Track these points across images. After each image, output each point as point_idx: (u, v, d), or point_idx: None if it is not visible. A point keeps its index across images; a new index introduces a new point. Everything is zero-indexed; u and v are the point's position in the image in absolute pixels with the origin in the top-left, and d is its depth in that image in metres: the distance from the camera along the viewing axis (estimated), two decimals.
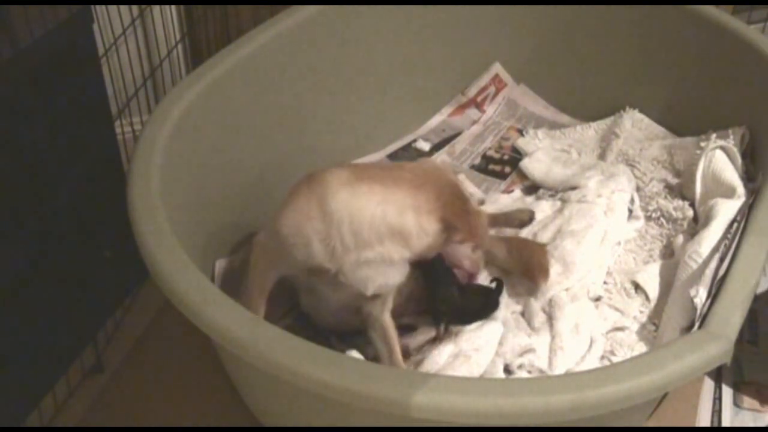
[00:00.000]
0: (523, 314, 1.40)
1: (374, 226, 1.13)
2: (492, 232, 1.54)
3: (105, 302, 1.46)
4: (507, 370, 1.28)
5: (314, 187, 1.17)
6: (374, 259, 1.15)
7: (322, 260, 1.16)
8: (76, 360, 1.38)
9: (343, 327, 1.33)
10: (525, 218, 1.40)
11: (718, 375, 1.37)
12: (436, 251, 1.20)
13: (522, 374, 1.27)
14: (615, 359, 1.30)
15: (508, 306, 1.40)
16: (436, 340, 1.33)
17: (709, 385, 1.36)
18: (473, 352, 1.27)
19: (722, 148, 1.54)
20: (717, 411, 1.31)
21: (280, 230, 1.18)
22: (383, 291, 1.22)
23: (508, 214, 1.49)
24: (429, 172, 1.20)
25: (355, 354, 1.23)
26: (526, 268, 1.42)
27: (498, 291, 1.39)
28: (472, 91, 1.94)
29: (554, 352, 1.30)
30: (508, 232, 1.54)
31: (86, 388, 1.39)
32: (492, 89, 1.94)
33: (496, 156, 1.81)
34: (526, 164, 1.72)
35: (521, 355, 1.29)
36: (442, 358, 1.27)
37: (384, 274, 1.18)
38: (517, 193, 1.68)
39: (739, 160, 1.53)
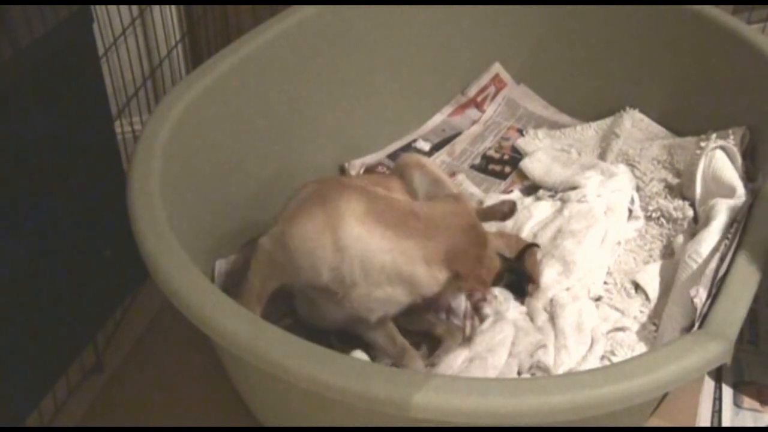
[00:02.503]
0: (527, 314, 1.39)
1: (385, 271, 1.16)
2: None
3: (105, 302, 1.46)
4: (518, 374, 1.28)
5: (329, 212, 1.17)
6: (381, 297, 1.18)
7: (330, 284, 1.18)
8: (76, 360, 1.38)
9: (341, 332, 1.33)
10: (506, 210, 1.42)
11: (718, 375, 1.37)
12: (444, 295, 1.24)
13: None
14: (615, 359, 1.30)
15: (515, 306, 1.39)
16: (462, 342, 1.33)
17: (709, 385, 1.36)
18: (488, 354, 1.27)
19: (722, 148, 1.54)
20: (717, 411, 1.31)
21: (290, 246, 1.19)
22: (386, 318, 1.26)
23: (491, 208, 1.50)
24: (445, 217, 1.22)
25: (359, 354, 1.23)
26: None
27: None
28: (472, 91, 1.94)
29: (558, 351, 1.30)
30: (492, 227, 1.54)
31: (86, 388, 1.39)
32: (492, 89, 1.94)
33: (496, 156, 1.81)
34: (526, 164, 1.72)
35: (533, 354, 1.28)
36: (456, 363, 1.27)
37: (388, 307, 1.22)
38: (517, 193, 1.68)
39: (739, 160, 1.53)
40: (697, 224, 1.50)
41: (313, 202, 1.21)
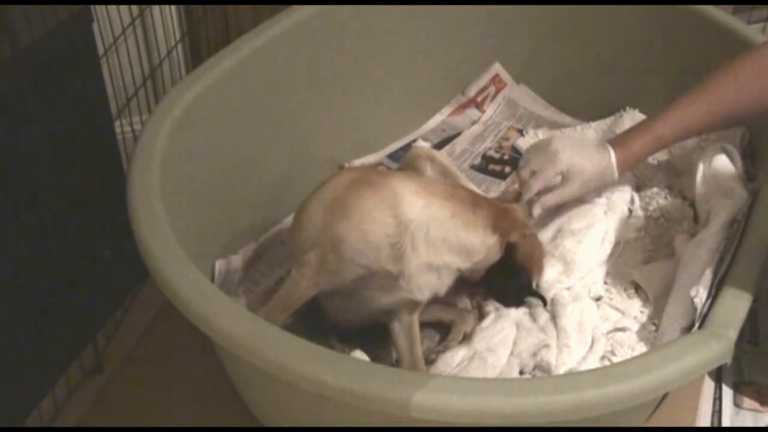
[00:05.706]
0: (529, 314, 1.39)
1: (447, 237, 1.22)
2: None
3: (105, 302, 1.46)
4: (521, 373, 1.28)
5: (382, 193, 1.22)
6: (439, 266, 1.23)
7: (386, 264, 1.21)
8: (76, 360, 1.38)
9: (367, 325, 1.33)
10: (510, 201, 1.44)
11: (718, 375, 1.37)
12: (487, 265, 1.28)
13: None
14: (615, 359, 1.30)
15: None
16: (464, 339, 1.34)
17: (709, 385, 1.36)
18: (488, 353, 1.27)
19: (722, 148, 1.54)
20: (717, 411, 1.31)
21: (345, 238, 1.20)
22: (433, 296, 1.28)
23: (500, 199, 1.51)
24: (476, 193, 1.34)
25: (359, 354, 1.23)
26: (525, 258, 1.41)
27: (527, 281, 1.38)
28: (472, 91, 1.94)
29: (560, 350, 1.31)
30: None
31: (86, 388, 1.39)
32: (492, 89, 1.94)
33: (496, 156, 1.81)
34: None
35: (535, 353, 1.28)
36: (455, 360, 1.27)
37: (441, 279, 1.26)
38: None
39: (739, 160, 1.53)
40: (697, 224, 1.50)
41: (358, 188, 1.24)
